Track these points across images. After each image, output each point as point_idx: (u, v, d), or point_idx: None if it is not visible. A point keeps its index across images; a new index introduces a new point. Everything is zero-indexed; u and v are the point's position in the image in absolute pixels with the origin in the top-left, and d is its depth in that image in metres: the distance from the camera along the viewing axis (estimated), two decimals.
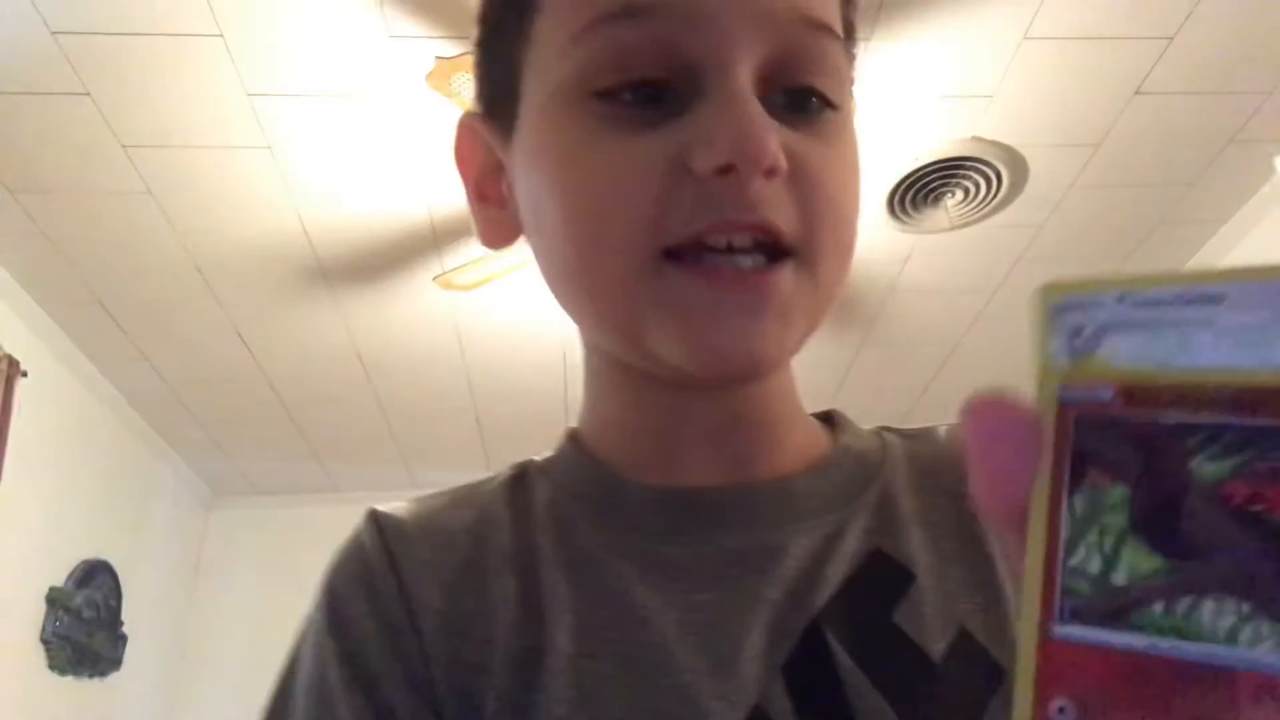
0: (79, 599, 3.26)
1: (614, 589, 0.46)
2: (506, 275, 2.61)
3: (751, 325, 0.42)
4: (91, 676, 3.37)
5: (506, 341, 3.28)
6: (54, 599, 3.13)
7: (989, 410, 0.23)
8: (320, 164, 2.41)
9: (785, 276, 0.43)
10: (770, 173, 0.41)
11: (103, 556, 3.45)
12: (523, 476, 0.53)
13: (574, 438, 0.53)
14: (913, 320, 3.33)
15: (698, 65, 0.42)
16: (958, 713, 0.41)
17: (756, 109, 0.41)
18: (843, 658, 0.42)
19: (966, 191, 2.66)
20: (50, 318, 3.00)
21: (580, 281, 0.46)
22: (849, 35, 0.48)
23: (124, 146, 2.32)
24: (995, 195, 2.66)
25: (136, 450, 3.73)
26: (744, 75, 0.42)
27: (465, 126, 0.53)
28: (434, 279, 2.68)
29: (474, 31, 0.53)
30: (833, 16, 0.45)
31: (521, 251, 2.09)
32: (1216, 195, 2.79)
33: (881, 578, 0.45)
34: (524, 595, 0.46)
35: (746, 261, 0.42)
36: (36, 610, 3.09)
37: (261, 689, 0.57)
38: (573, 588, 0.46)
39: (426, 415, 3.78)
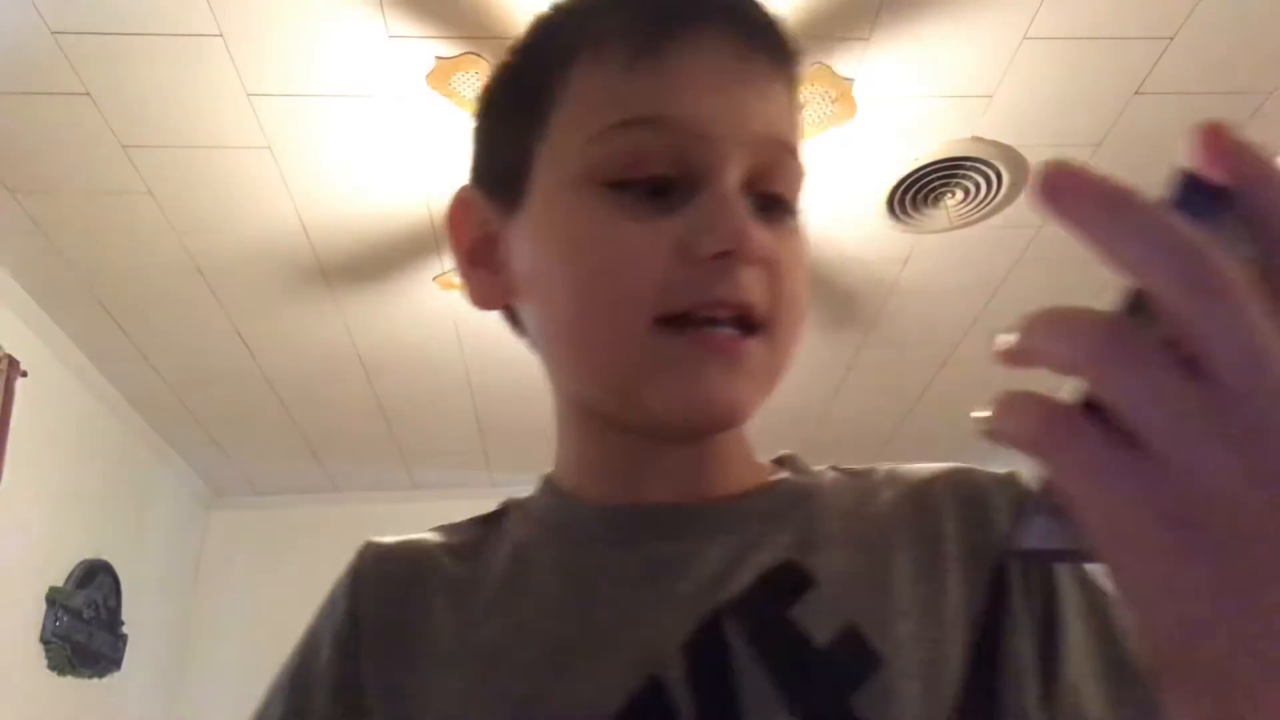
0: (79, 599, 3.26)
1: (547, 591, 0.54)
2: None
3: (730, 382, 0.50)
4: (91, 676, 3.37)
5: (507, 342, 3.24)
6: (54, 599, 3.13)
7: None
8: (320, 164, 2.41)
9: (754, 346, 0.51)
10: (760, 262, 0.50)
11: (102, 556, 3.45)
12: (503, 511, 0.62)
13: (548, 479, 0.62)
14: (913, 320, 3.33)
15: (697, 168, 0.50)
16: (830, 689, 0.47)
17: (746, 209, 0.50)
18: (736, 641, 0.49)
19: (966, 192, 2.66)
20: (50, 318, 3.00)
21: (584, 342, 0.53)
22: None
23: (124, 146, 2.32)
24: (995, 195, 2.66)
25: (136, 450, 3.74)
26: (736, 180, 0.50)
27: (461, 200, 0.60)
28: (434, 279, 2.68)
29: (478, 110, 0.60)
30: (796, 140, 0.55)
31: None
32: None
33: (785, 582, 0.52)
34: (460, 606, 0.55)
35: (727, 331, 0.50)
36: (36, 610, 3.09)
37: (261, 689, 0.58)
38: (506, 595, 0.55)
39: (426, 416, 3.78)
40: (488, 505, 0.64)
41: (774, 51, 0.54)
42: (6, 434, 2.72)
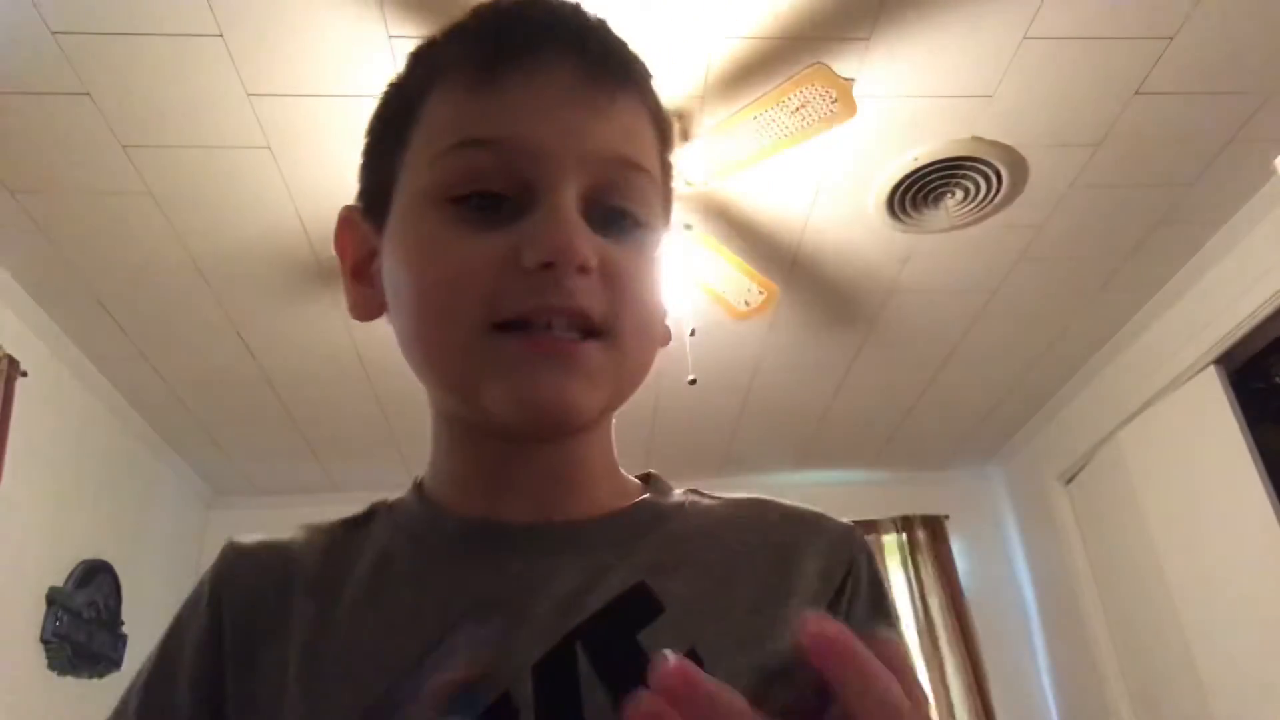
0: (79, 599, 3.26)
1: (403, 603, 0.55)
2: None
3: (563, 382, 0.53)
4: (91, 677, 3.37)
5: None
6: (54, 599, 3.13)
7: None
8: (320, 164, 2.41)
9: (592, 349, 0.53)
10: (582, 270, 0.52)
11: (102, 556, 3.45)
12: (371, 514, 0.64)
13: (418, 485, 0.64)
14: (913, 320, 3.33)
15: (533, 185, 0.54)
16: None
17: (575, 220, 0.53)
18: (584, 663, 0.51)
19: (966, 192, 2.66)
20: (50, 317, 3.00)
21: (428, 349, 0.57)
22: (665, 172, 0.63)
23: (124, 147, 2.32)
24: (995, 195, 2.66)
25: (136, 450, 3.74)
26: (569, 196, 0.53)
27: (344, 219, 0.65)
28: None
29: (365, 134, 0.65)
30: (647, 158, 0.59)
31: None
32: (1216, 195, 2.79)
33: (636, 606, 0.54)
34: (317, 613, 0.56)
35: (562, 334, 0.53)
36: (36, 610, 3.09)
37: None
38: (362, 605, 0.56)
39: (426, 416, 3.77)
40: None
41: (615, 73, 0.58)
42: (6, 434, 2.72)
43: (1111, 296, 3.29)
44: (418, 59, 0.61)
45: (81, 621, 3.27)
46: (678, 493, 0.64)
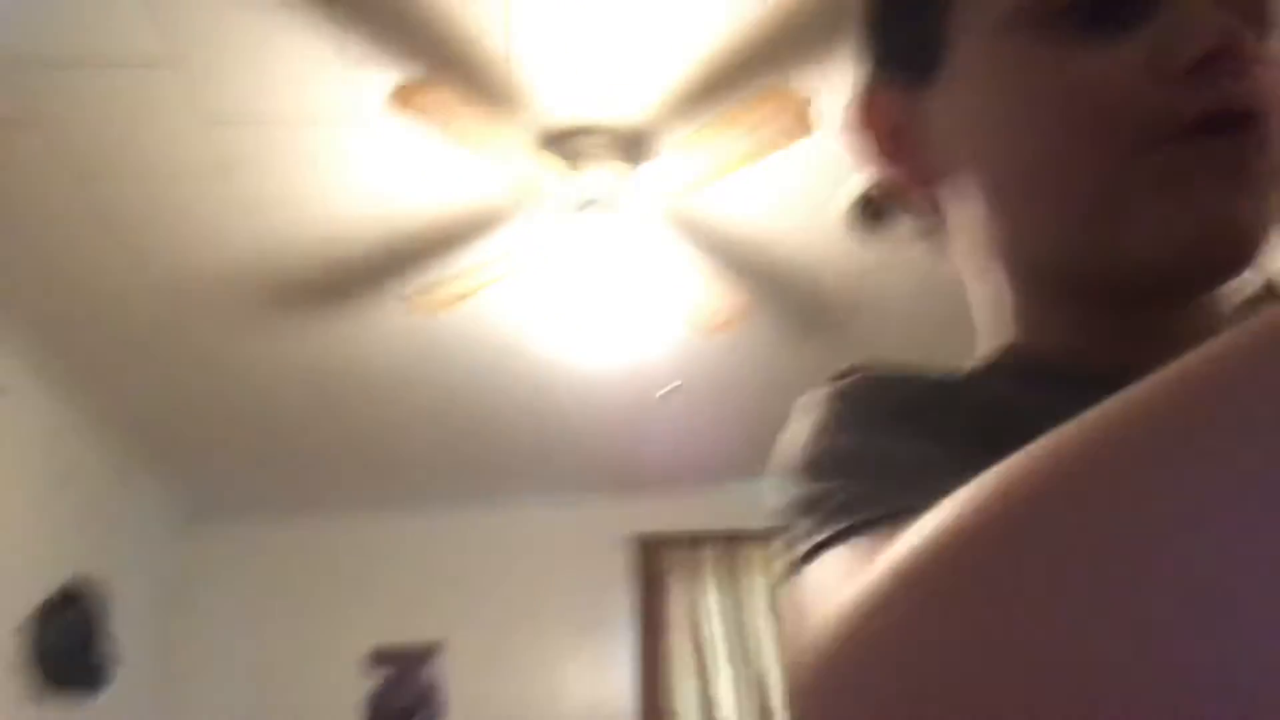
0: (57, 622, 3.26)
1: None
2: (477, 292, 2.62)
3: (1236, 203, 0.43)
4: (73, 698, 3.37)
5: (483, 355, 3.29)
6: (32, 622, 3.13)
7: None
8: (282, 189, 2.42)
9: (1265, 166, 0.43)
10: (1250, 68, 0.42)
11: (81, 578, 3.45)
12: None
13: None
14: (887, 328, 3.34)
15: None
16: None
17: (1223, 7, 0.43)
18: None
19: None
20: (26, 339, 3.01)
21: (1049, 185, 0.47)
22: None
23: (79, 177, 2.33)
24: None
25: (115, 471, 3.73)
26: None
27: (862, 101, 0.56)
28: (404, 298, 2.70)
29: (866, 6, 0.57)
30: None
31: (491, 269, 2.07)
32: None
33: None
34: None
35: (1223, 143, 0.42)
36: (15, 633, 3.09)
37: (246, 707, 0.57)
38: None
39: (407, 431, 3.79)
40: (470, 522, 0.56)
41: None
42: None
43: None
44: None
45: (61, 644, 3.27)
46: None
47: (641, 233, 2.50)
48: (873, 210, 0.70)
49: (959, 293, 0.55)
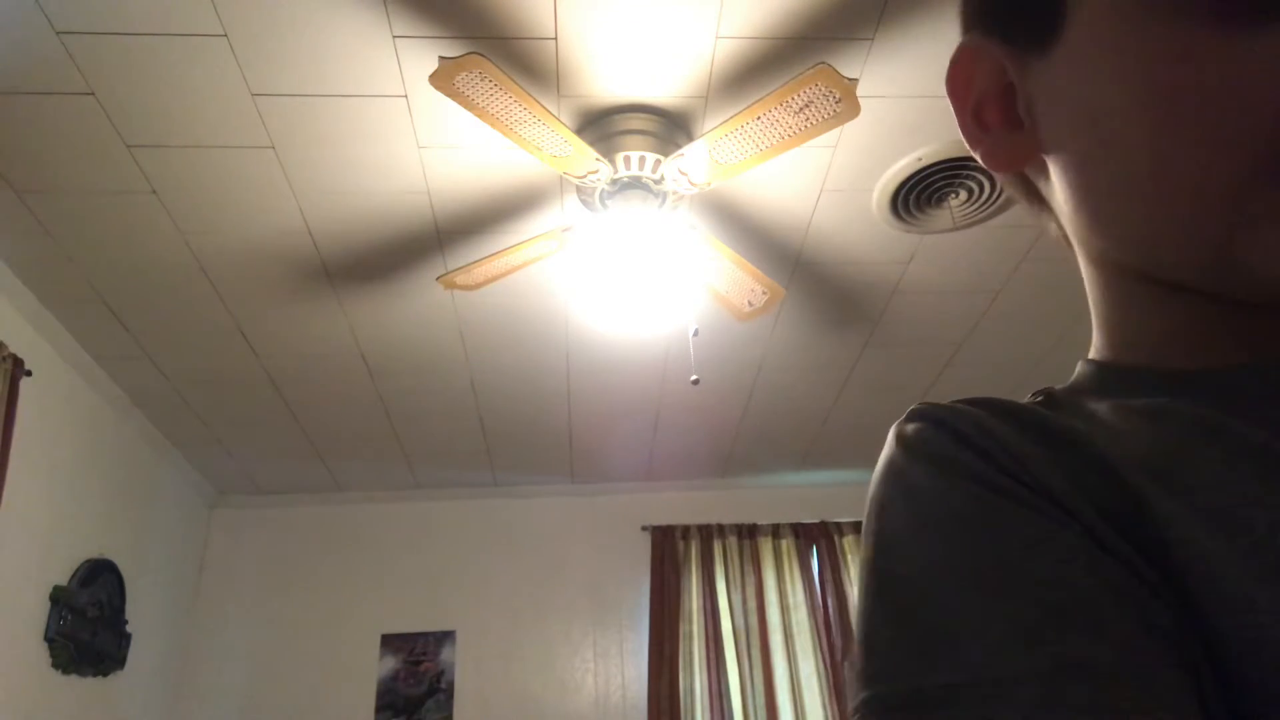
0: (83, 597, 3.27)
1: None
2: (509, 275, 2.61)
3: None
4: (95, 675, 3.38)
5: (510, 341, 3.28)
6: (58, 597, 3.14)
7: None
8: (324, 164, 2.41)
9: None
10: None
11: (106, 555, 3.46)
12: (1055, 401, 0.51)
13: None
14: (916, 320, 3.33)
15: None
16: None
17: None
18: None
19: (970, 192, 2.65)
20: (55, 317, 3.01)
21: (1162, 184, 0.42)
22: None
23: (129, 146, 2.33)
24: (998, 196, 2.66)
25: (140, 449, 3.74)
26: None
27: (967, 50, 0.51)
28: (437, 279, 2.69)
29: None
30: None
31: (529, 250, 2.05)
32: None
33: None
34: None
35: None
36: (40, 608, 3.10)
37: (264, 687, 0.57)
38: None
39: (430, 415, 3.79)
40: (491, 504, 0.57)
41: None
42: (11, 433, 2.72)
43: None
44: None
45: (85, 620, 3.28)
46: None
47: (680, 215, 2.49)
48: (911, 198, 0.64)
49: (990, 287, 0.52)
